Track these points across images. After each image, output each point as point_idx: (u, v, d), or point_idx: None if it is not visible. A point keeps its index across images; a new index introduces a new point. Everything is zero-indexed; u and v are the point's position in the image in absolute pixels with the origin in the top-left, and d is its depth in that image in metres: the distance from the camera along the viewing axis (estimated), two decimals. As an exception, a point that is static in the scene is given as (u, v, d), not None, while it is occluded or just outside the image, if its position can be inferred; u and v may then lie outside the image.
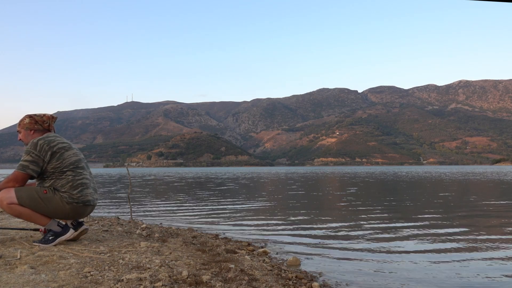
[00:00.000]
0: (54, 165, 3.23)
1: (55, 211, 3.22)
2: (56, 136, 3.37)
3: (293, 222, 6.84)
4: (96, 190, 3.51)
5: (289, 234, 5.62)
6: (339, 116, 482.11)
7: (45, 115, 3.45)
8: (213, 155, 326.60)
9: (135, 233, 4.36)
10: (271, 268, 3.31)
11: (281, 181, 24.82)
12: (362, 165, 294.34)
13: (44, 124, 3.43)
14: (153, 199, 11.94)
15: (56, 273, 2.46)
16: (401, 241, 5.06)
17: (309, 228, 6.12)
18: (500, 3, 1.56)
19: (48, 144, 3.23)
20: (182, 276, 2.57)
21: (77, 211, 3.29)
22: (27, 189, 3.21)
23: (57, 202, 3.20)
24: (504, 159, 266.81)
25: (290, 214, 7.91)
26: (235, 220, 7.12)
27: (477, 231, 5.74)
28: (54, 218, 3.28)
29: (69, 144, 3.41)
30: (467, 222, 6.68)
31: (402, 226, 6.24)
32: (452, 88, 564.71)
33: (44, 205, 3.18)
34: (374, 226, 6.32)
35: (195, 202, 10.96)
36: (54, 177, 3.25)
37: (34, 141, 3.24)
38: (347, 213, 8.15)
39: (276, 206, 9.69)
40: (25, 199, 3.14)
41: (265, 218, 7.42)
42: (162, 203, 10.53)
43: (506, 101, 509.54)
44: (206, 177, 34.27)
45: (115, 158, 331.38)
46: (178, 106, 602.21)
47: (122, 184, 22.00)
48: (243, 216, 7.64)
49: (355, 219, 7.15)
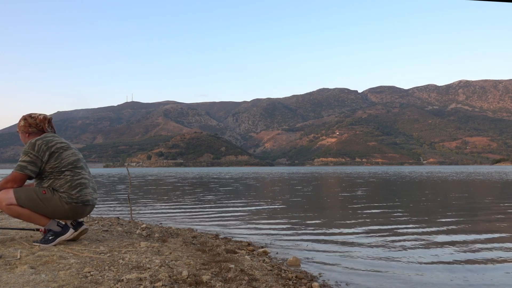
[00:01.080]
0: (53, 165, 3.22)
1: (54, 211, 3.22)
2: (54, 136, 3.36)
3: (293, 222, 6.83)
4: (95, 190, 3.50)
5: (289, 234, 5.62)
6: (339, 116, 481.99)
7: (39, 117, 3.41)
8: (213, 155, 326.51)
9: (135, 233, 4.36)
10: (271, 268, 3.31)
11: (285, 181, 24.80)
12: (362, 165, 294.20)
13: (38, 126, 3.40)
14: (153, 199, 11.93)
15: (56, 273, 2.46)
16: (403, 241, 5.05)
17: (309, 228, 6.12)
18: (500, 3, 1.55)
19: (46, 144, 3.22)
20: (182, 276, 2.57)
21: (76, 211, 3.29)
22: (26, 189, 3.20)
23: (56, 202, 3.19)
24: (504, 159, 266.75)
25: (290, 214, 7.90)
26: (235, 220, 7.11)
27: (498, 231, 5.72)
28: (53, 218, 3.28)
29: (67, 144, 3.39)
30: (488, 227, 6.29)
31: (403, 227, 6.23)
32: (452, 88, 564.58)
33: (43, 206, 3.17)
34: (374, 226, 6.31)
35: (195, 202, 10.95)
36: (53, 177, 3.24)
37: (32, 141, 3.23)
38: (347, 213, 8.15)
39: (278, 206, 9.68)
40: (24, 200, 3.14)
41: (266, 218, 7.42)
42: (162, 203, 10.53)
43: (506, 101, 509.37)
44: (207, 177, 34.26)
45: (115, 158, 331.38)
46: (178, 106, 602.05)
47: (122, 184, 21.99)
48: (243, 216, 7.63)
49: (355, 219, 7.14)
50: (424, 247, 4.68)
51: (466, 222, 6.63)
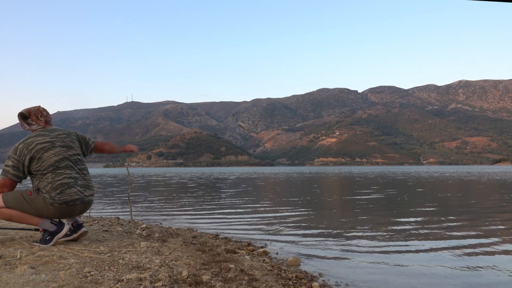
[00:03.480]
0: (35, 168, 3.21)
1: (41, 211, 3.22)
2: (38, 135, 3.29)
3: (294, 222, 6.83)
4: (88, 186, 3.42)
5: (289, 234, 5.61)
6: (339, 116, 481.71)
7: (20, 119, 3.39)
8: (213, 155, 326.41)
9: (135, 233, 4.36)
10: (271, 268, 3.31)
11: (286, 182, 24.78)
12: (362, 165, 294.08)
13: (25, 127, 3.40)
14: (153, 199, 11.93)
15: (56, 273, 2.46)
16: (404, 241, 5.05)
17: (309, 228, 6.11)
18: (500, 3, 1.58)
19: (27, 148, 3.20)
20: (182, 276, 2.57)
21: (61, 212, 3.26)
22: (13, 192, 3.24)
23: (41, 203, 3.20)
24: (504, 159, 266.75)
25: (291, 214, 7.90)
26: (235, 220, 7.11)
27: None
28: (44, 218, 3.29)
29: (52, 142, 3.30)
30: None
31: (405, 227, 6.23)
32: (452, 88, 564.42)
33: (30, 206, 3.19)
34: (374, 226, 6.30)
35: (195, 202, 10.95)
36: (38, 178, 3.25)
37: (16, 145, 3.24)
38: (347, 213, 8.14)
39: (278, 206, 9.68)
40: (11, 202, 3.17)
41: (266, 218, 7.41)
42: (162, 203, 10.53)
43: (506, 101, 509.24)
44: (207, 177, 34.24)
45: (115, 158, 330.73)
46: (178, 106, 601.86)
47: (122, 184, 21.98)
48: (243, 217, 7.63)
49: (355, 219, 7.14)
50: (426, 247, 4.67)
51: (466, 224, 6.63)
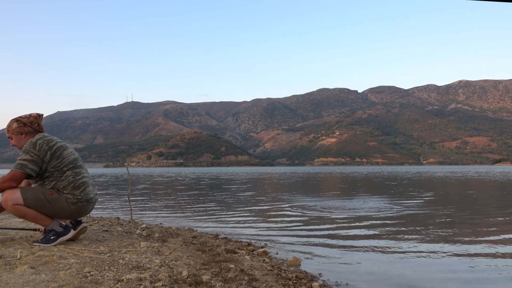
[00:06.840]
0: (54, 164, 3.21)
1: (60, 211, 3.23)
2: (52, 135, 3.37)
3: (294, 222, 6.82)
4: (95, 186, 3.53)
5: (289, 234, 5.61)
6: (339, 116, 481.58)
7: (31, 115, 3.39)
8: (213, 155, 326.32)
9: (135, 233, 4.36)
10: (271, 268, 3.31)
11: (288, 182, 24.77)
12: (362, 165, 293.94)
13: (33, 125, 3.38)
14: (153, 199, 11.93)
15: (56, 273, 2.46)
16: (404, 241, 5.04)
17: (309, 228, 6.11)
18: (500, 3, 1.58)
19: (47, 144, 3.21)
20: (182, 276, 2.57)
21: (81, 210, 3.32)
22: (33, 190, 3.19)
23: (63, 203, 3.20)
24: (504, 159, 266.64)
25: (291, 214, 7.90)
26: (235, 220, 7.11)
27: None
28: (56, 219, 3.29)
29: (65, 143, 3.43)
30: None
31: (405, 227, 6.23)
32: (452, 88, 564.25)
33: (50, 206, 3.17)
34: (374, 226, 6.31)
35: (195, 202, 10.95)
36: (54, 178, 3.23)
37: (33, 140, 3.20)
38: (347, 213, 8.14)
39: (278, 206, 9.68)
40: (31, 200, 3.12)
41: (266, 218, 7.42)
42: (162, 203, 10.53)
43: (506, 101, 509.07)
44: (207, 177, 34.24)
45: (115, 158, 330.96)
46: (178, 106, 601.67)
47: (122, 184, 21.99)
48: (243, 217, 7.63)
49: (355, 219, 7.14)
50: (427, 247, 4.67)
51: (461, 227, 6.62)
